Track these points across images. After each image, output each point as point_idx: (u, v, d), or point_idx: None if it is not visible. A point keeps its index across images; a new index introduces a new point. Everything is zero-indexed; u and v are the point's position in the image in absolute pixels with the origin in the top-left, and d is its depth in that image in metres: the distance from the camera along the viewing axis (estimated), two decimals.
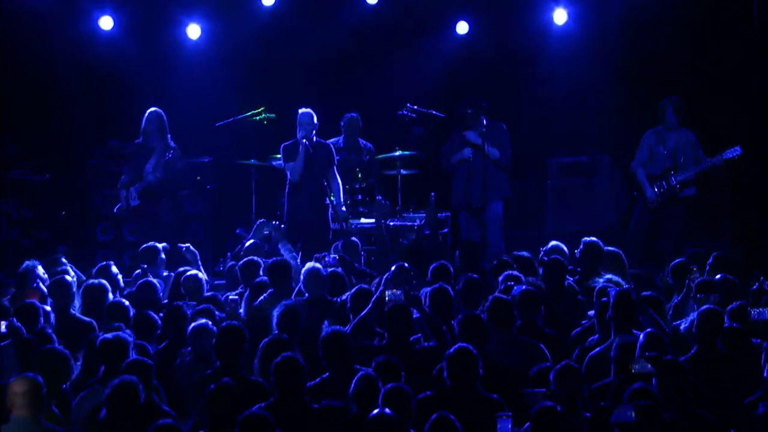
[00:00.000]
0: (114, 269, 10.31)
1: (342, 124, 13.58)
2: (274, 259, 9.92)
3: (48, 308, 8.92)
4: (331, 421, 6.56)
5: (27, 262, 10.22)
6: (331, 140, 13.16)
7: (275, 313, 8.43)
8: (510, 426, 6.68)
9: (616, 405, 6.73)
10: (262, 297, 9.50)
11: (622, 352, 7.62)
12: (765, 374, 7.13)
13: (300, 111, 11.96)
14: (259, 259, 10.32)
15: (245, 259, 10.46)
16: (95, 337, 8.02)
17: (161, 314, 8.92)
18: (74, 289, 9.48)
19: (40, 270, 10.05)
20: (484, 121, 12.18)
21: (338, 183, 12.21)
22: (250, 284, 9.89)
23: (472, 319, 8.01)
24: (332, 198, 12.02)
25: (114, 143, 14.15)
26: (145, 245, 11.23)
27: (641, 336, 7.70)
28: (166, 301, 9.85)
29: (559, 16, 14.16)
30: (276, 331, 8.18)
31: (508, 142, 12.41)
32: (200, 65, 14.50)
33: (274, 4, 14.22)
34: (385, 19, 14.45)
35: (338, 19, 14.46)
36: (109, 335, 7.80)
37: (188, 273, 10.00)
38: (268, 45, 14.53)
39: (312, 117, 11.90)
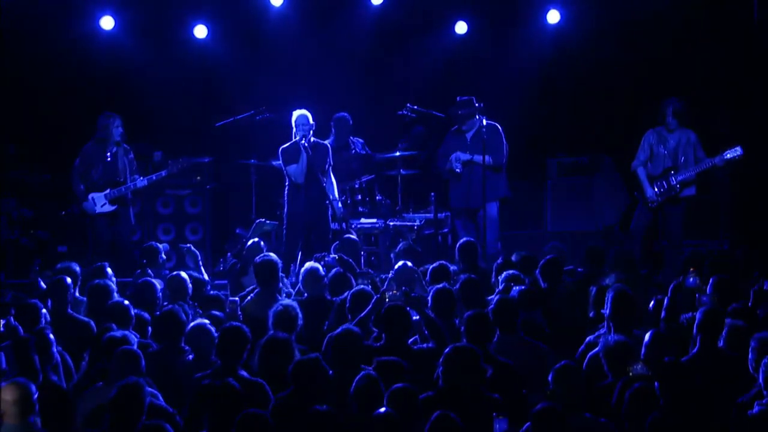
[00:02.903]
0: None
1: (332, 123, 13.60)
2: (261, 257, 9.89)
3: (44, 309, 8.91)
4: (324, 425, 6.51)
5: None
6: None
7: (271, 312, 8.42)
8: (506, 426, 6.66)
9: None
10: (249, 297, 9.48)
11: (611, 351, 7.61)
12: (761, 376, 7.10)
13: (296, 113, 11.92)
14: None
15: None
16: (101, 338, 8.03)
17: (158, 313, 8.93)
18: (73, 290, 9.49)
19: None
20: (484, 122, 12.18)
21: (332, 183, 12.21)
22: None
23: (478, 318, 7.98)
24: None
25: None
26: (145, 245, 11.22)
27: (647, 335, 7.70)
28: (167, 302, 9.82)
29: (553, 17, 14.17)
30: (271, 331, 8.13)
31: (503, 143, 12.39)
32: (199, 65, 14.50)
33: (278, 5, 14.23)
34: (386, 20, 14.46)
35: (339, 20, 14.46)
36: (117, 333, 7.78)
37: (173, 273, 9.95)
38: (269, 45, 14.53)
39: (308, 118, 11.88)
